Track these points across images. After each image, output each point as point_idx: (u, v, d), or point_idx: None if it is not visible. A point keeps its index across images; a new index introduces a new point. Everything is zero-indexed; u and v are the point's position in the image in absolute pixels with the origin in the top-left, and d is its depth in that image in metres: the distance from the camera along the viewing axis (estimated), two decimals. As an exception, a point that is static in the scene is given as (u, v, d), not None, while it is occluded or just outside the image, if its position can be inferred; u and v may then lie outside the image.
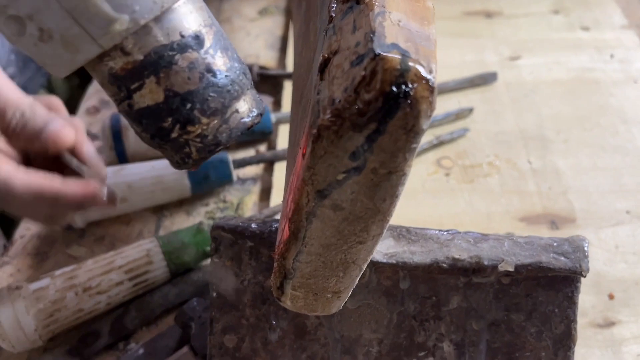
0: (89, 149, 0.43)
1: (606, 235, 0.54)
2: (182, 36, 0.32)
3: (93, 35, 0.29)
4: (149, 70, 0.31)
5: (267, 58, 0.77)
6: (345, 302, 0.39)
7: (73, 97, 0.83)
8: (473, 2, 0.84)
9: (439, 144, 0.63)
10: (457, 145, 0.63)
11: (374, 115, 0.24)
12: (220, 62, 0.33)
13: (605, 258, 0.52)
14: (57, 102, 0.45)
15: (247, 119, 0.34)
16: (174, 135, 0.32)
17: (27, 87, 0.71)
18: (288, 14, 0.84)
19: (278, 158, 0.61)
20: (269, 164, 0.62)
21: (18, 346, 0.46)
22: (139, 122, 0.33)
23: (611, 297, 0.49)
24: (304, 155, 0.28)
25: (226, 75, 0.33)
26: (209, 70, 0.32)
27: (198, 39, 0.32)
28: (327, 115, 0.25)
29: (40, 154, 0.43)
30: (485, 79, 0.70)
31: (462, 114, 0.66)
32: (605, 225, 0.55)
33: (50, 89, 0.80)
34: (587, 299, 0.49)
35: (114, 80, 0.32)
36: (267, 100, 0.71)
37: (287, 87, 0.70)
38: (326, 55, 0.28)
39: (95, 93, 0.72)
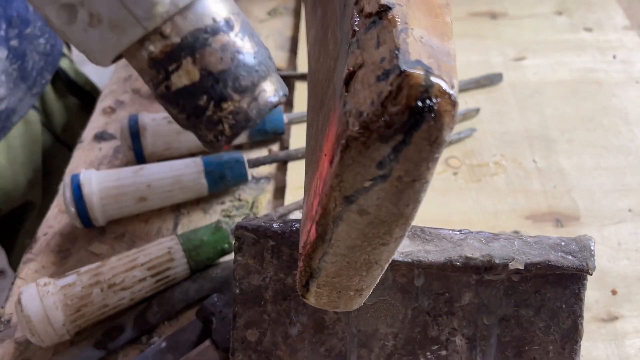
0: None
1: (609, 233, 0.56)
2: (215, 21, 0.35)
3: (138, 17, 0.33)
4: (186, 51, 0.34)
5: (277, 59, 0.78)
6: (363, 299, 0.41)
7: (72, 118, 0.84)
8: (478, 3, 0.85)
9: (447, 143, 0.65)
10: (465, 145, 0.65)
11: (400, 127, 0.26)
12: (248, 45, 0.36)
13: (608, 255, 0.54)
14: None
15: (273, 98, 0.37)
16: (209, 113, 0.35)
17: (15, 109, 0.71)
18: (297, 14, 0.86)
19: (291, 158, 0.63)
20: (282, 164, 0.64)
21: (47, 340, 0.48)
22: (176, 103, 0.36)
23: (614, 292, 0.51)
24: (330, 162, 0.30)
25: (254, 57, 0.36)
26: (239, 51, 0.35)
27: (228, 24, 0.35)
28: (355, 127, 0.27)
29: None
30: (491, 80, 0.72)
31: (469, 114, 0.67)
32: (609, 223, 0.57)
33: (44, 110, 0.80)
34: (591, 294, 0.51)
35: (153, 64, 0.35)
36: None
37: (299, 88, 0.72)
38: (351, 69, 0.30)
39: (110, 94, 0.74)
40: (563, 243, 0.40)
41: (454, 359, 0.41)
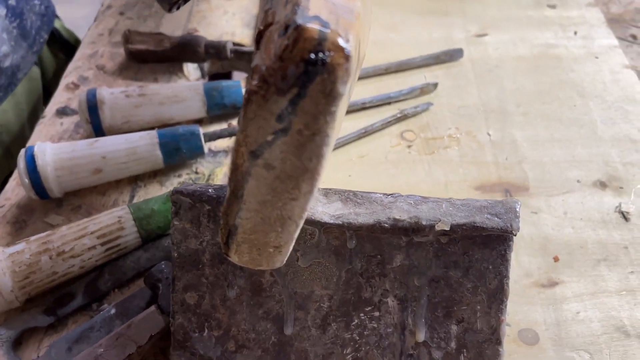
0: None
1: (556, 203, 0.57)
2: None
3: None
4: None
5: (242, 36, 0.79)
6: (298, 261, 0.42)
7: (61, 70, 0.87)
8: (445, -20, 0.86)
9: (403, 117, 0.65)
10: (421, 118, 0.66)
11: (296, 80, 0.27)
12: None
13: (553, 223, 0.55)
14: None
15: None
16: None
17: (19, 66, 0.75)
18: (264, -8, 0.86)
19: (248, 131, 0.63)
20: (240, 137, 0.65)
21: (-4, 306, 0.49)
22: None
23: (556, 259, 0.52)
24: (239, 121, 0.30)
25: None
26: None
27: None
28: (255, 81, 0.28)
29: None
30: (451, 55, 0.73)
31: (427, 88, 0.68)
32: (556, 193, 0.58)
33: (42, 65, 0.85)
34: (534, 260, 0.52)
35: None
36: (241, 76, 0.74)
37: (260, 64, 0.72)
38: (262, 28, 0.31)
39: (74, 70, 0.75)
40: (489, 205, 0.41)
41: (386, 319, 0.42)
